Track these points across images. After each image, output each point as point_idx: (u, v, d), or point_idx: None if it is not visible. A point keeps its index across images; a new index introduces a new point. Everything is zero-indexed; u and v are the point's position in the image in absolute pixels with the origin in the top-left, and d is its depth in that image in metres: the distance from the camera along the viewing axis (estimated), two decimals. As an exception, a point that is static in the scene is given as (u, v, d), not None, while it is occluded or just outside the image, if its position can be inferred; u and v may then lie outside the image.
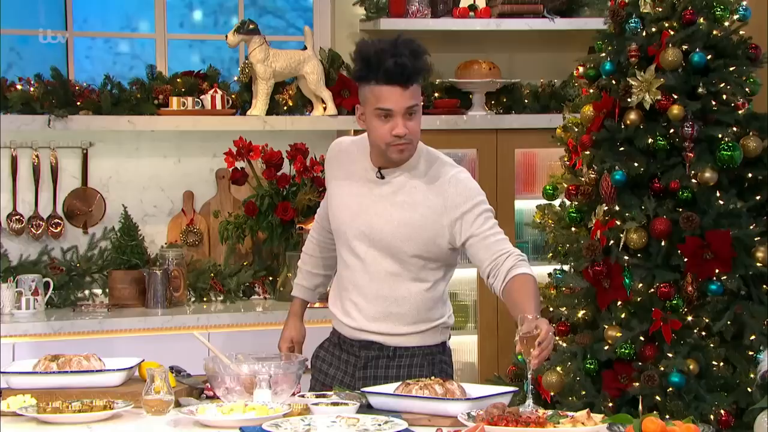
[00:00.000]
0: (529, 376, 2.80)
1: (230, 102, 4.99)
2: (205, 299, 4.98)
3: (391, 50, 3.02)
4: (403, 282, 3.17)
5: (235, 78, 5.08)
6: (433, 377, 3.01)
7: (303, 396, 2.92)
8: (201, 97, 4.94)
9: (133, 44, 5.38)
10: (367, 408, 2.84)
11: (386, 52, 3.01)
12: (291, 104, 5.08)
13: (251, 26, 4.91)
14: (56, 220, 4.93)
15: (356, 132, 5.10)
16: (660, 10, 3.99)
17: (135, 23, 5.34)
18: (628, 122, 3.97)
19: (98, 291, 4.90)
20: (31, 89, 4.74)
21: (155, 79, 4.97)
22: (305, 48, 5.05)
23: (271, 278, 5.07)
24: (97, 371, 3.02)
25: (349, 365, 3.27)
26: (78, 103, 4.79)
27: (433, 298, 3.22)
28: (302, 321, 3.50)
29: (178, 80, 4.98)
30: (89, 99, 4.81)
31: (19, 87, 4.75)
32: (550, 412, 2.63)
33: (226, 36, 4.92)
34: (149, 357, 3.18)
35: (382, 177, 3.17)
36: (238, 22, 4.99)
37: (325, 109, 5.05)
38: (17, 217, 4.88)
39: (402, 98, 3.03)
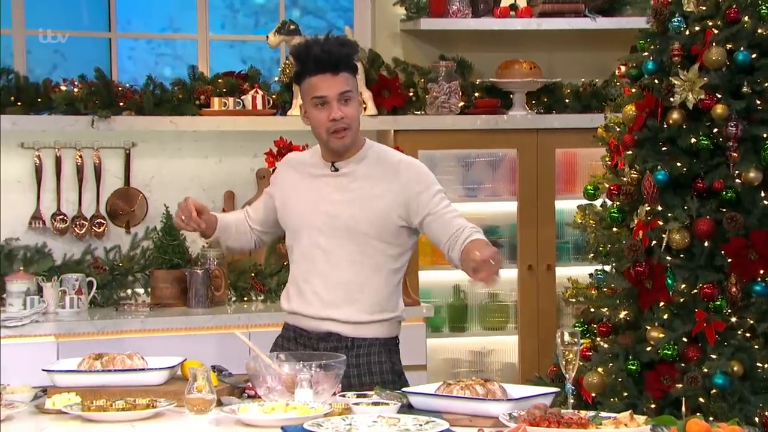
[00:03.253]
0: (569, 377, 2.81)
1: (271, 102, 5.02)
2: (245, 299, 4.99)
3: (320, 42, 3.25)
4: (364, 268, 3.28)
5: (276, 78, 5.10)
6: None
7: (344, 396, 2.92)
8: (242, 97, 4.97)
9: (175, 45, 5.41)
10: (407, 408, 2.83)
11: (315, 45, 3.24)
12: (331, 104, 5.08)
13: (292, 27, 4.93)
14: (99, 220, 4.98)
15: (395, 132, 5.15)
16: (704, 8, 3.95)
17: (177, 24, 5.37)
18: (670, 122, 3.94)
19: (140, 290, 4.94)
20: (75, 90, 4.79)
21: (197, 80, 5.00)
22: (346, 48, 5.05)
23: (311, 278, 5.07)
24: (140, 370, 3.04)
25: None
26: (121, 104, 4.84)
27: (391, 287, 3.34)
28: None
29: (220, 81, 5.01)
30: (132, 99, 4.85)
31: (63, 88, 4.80)
32: (591, 413, 2.61)
33: (267, 36, 4.94)
34: (191, 356, 3.21)
35: (336, 169, 3.31)
36: (279, 22, 5.00)
37: (365, 109, 5.05)
38: (61, 216, 4.94)
39: (333, 84, 3.21)
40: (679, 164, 3.91)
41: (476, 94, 5.26)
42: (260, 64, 5.23)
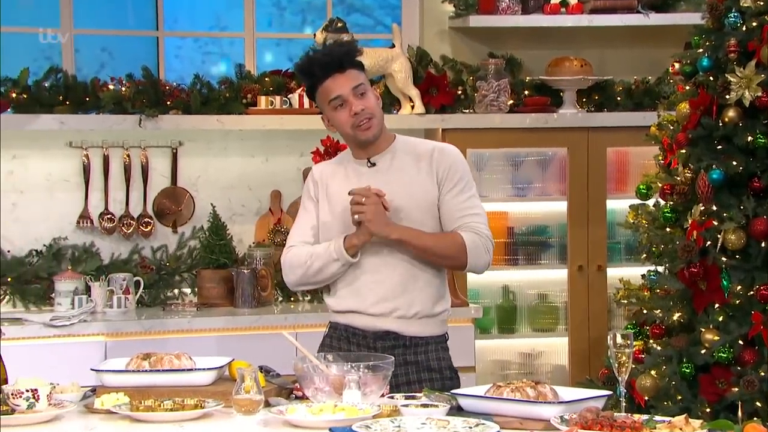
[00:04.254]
0: (621, 380, 2.77)
1: (318, 101, 4.99)
2: (292, 299, 4.98)
3: (317, 50, 3.39)
4: (415, 261, 3.27)
5: (323, 77, 5.08)
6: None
7: (392, 397, 2.90)
8: (289, 96, 4.95)
9: (221, 43, 5.41)
10: (457, 410, 2.80)
11: (314, 54, 3.34)
12: (379, 102, 5.06)
13: (339, 24, 4.90)
14: (146, 219, 4.98)
15: (444, 131, 5.11)
16: (761, 3, 3.89)
17: (224, 22, 5.38)
18: (726, 120, 3.89)
19: (187, 290, 4.95)
20: (123, 89, 4.79)
21: (244, 78, 4.99)
22: (393, 46, 5.02)
23: (358, 278, 5.05)
24: (188, 370, 3.03)
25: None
26: (168, 103, 4.83)
27: (441, 279, 3.34)
28: None
29: (267, 79, 5.00)
30: (179, 98, 4.84)
31: (111, 87, 4.80)
32: (645, 417, 2.58)
33: (314, 34, 4.92)
34: (238, 356, 3.19)
35: (373, 164, 3.33)
36: (327, 20, 4.98)
37: (413, 107, 5.02)
38: (109, 216, 4.94)
39: (344, 81, 3.27)
40: (734, 163, 3.86)
41: (526, 92, 5.20)
42: (308, 63, 5.21)
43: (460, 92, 5.12)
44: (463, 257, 3.25)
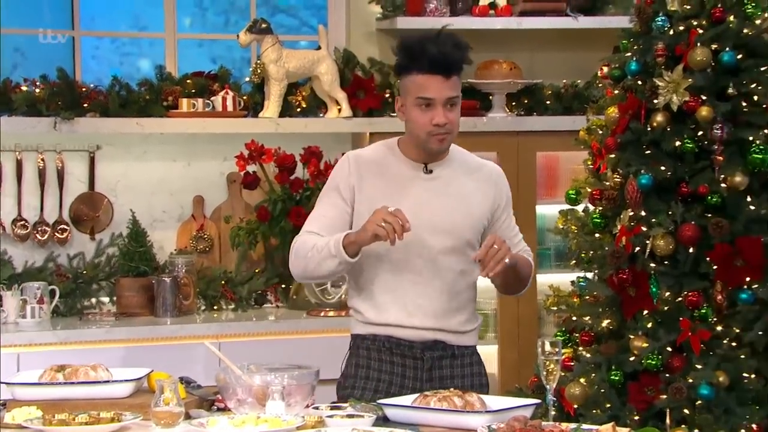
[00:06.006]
0: (550, 387, 2.80)
1: (242, 103, 4.95)
2: (215, 307, 4.92)
3: (435, 40, 3.16)
4: (462, 274, 3.27)
5: (247, 79, 5.03)
6: (454, 388, 2.99)
7: (317, 408, 2.87)
8: (212, 98, 4.90)
9: (141, 44, 5.32)
10: (383, 421, 2.78)
11: (430, 42, 3.15)
12: (304, 106, 5.03)
13: (263, 25, 4.87)
14: (62, 226, 4.88)
15: (371, 135, 5.07)
16: (688, 7, 3.92)
17: (143, 23, 5.28)
18: (654, 124, 3.90)
19: (105, 299, 4.85)
20: (37, 90, 4.69)
21: (164, 80, 4.92)
22: (319, 48, 5.00)
23: (283, 286, 5.01)
24: (104, 382, 2.99)
25: (408, 369, 3.26)
26: (84, 105, 4.74)
27: (475, 293, 3.37)
28: None
29: (188, 81, 4.93)
30: (96, 100, 4.75)
31: (24, 88, 4.70)
32: (573, 425, 2.58)
33: (238, 35, 4.88)
34: (158, 367, 3.14)
35: (430, 171, 3.24)
36: (250, 21, 4.94)
37: (339, 110, 5.00)
38: (22, 222, 4.83)
39: (443, 88, 3.15)
40: (663, 168, 3.87)
41: (454, 96, 5.18)
42: (230, 64, 5.15)
43: (387, 95, 5.09)
44: (528, 281, 3.39)
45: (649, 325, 3.81)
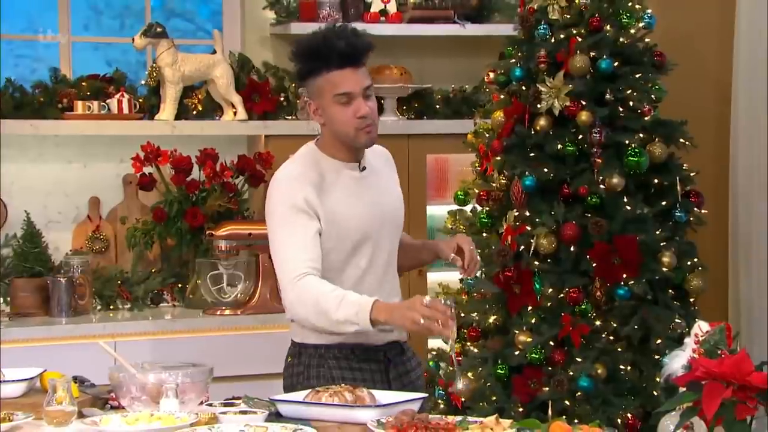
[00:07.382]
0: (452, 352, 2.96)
1: (138, 106, 4.90)
2: (111, 307, 4.87)
3: (337, 34, 3.05)
4: (395, 264, 3.24)
5: (143, 82, 4.99)
6: (343, 384, 2.98)
7: (211, 405, 2.86)
8: (107, 101, 4.83)
9: (36, 46, 5.24)
10: (276, 416, 2.80)
11: (333, 37, 3.04)
12: (200, 109, 5.00)
13: (159, 29, 4.83)
14: (-45, 227, 4.79)
15: (267, 138, 5.10)
16: (568, 16, 4.03)
17: (37, 25, 5.21)
18: (537, 128, 4.00)
19: (-1, 300, 4.77)
20: (-73, 92, 4.61)
21: (59, 83, 4.86)
22: (215, 52, 4.99)
23: (180, 285, 4.98)
24: None
25: (375, 373, 3.16)
26: (-23, 107, 4.66)
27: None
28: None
29: (83, 84, 4.87)
30: (-10, 102, 4.67)
31: None
32: (459, 418, 2.63)
33: (133, 39, 4.84)
34: (53, 367, 3.10)
35: (364, 168, 3.16)
36: (146, 24, 4.90)
37: (235, 114, 4.99)
38: None
39: (358, 79, 3.05)
40: (546, 170, 3.97)
41: (347, 100, 5.23)
42: (126, 67, 5.10)
43: (282, 99, 5.11)
44: None
45: (533, 320, 3.91)
